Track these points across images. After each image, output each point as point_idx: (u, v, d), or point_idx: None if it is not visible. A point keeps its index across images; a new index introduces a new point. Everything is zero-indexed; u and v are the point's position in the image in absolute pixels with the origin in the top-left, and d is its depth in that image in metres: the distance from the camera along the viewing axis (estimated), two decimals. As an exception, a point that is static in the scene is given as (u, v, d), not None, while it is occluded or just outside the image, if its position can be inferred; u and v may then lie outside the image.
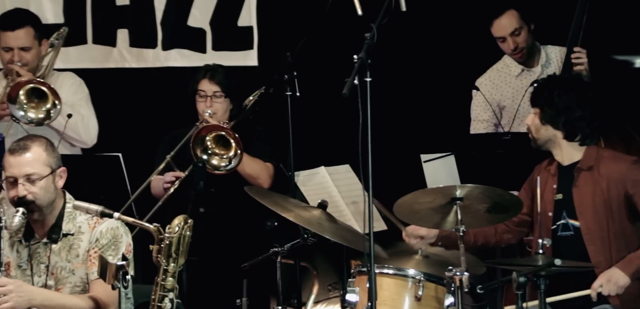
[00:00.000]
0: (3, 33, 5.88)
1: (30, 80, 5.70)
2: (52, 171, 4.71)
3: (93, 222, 4.75)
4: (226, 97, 5.78)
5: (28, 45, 5.88)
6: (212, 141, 5.67)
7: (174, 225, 4.51)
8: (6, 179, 4.67)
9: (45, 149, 4.71)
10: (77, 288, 4.73)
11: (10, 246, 4.77)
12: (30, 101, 5.69)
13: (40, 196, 4.66)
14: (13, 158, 4.66)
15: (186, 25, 6.50)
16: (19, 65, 5.84)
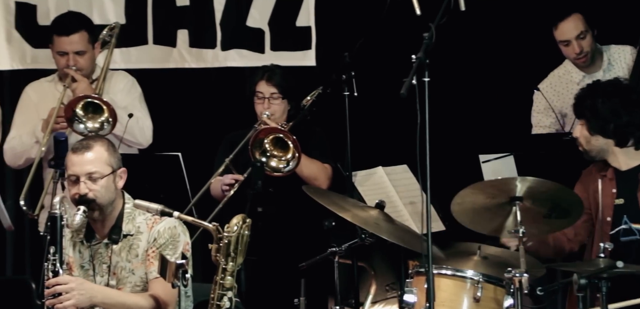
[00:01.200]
0: (58, 38, 5.87)
1: (85, 96, 5.69)
2: (113, 170, 4.72)
3: (151, 222, 4.75)
4: (284, 98, 5.76)
5: (83, 49, 5.87)
6: (270, 143, 5.65)
7: (232, 224, 4.50)
8: (68, 177, 4.69)
9: (106, 149, 4.72)
10: (137, 288, 4.73)
11: (72, 246, 4.79)
12: (86, 112, 5.71)
13: (101, 195, 4.67)
14: (75, 157, 4.68)
15: (245, 25, 6.49)
16: (74, 69, 5.86)
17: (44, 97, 5.99)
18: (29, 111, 6.00)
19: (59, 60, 5.90)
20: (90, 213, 4.69)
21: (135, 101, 6.00)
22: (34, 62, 6.54)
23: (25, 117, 6.00)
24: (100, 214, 4.71)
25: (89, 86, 5.86)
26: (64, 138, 5.23)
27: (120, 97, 5.95)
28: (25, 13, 6.54)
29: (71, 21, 5.93)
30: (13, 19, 6.54)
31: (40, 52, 6.52)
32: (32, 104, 6.02)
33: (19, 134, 5.96)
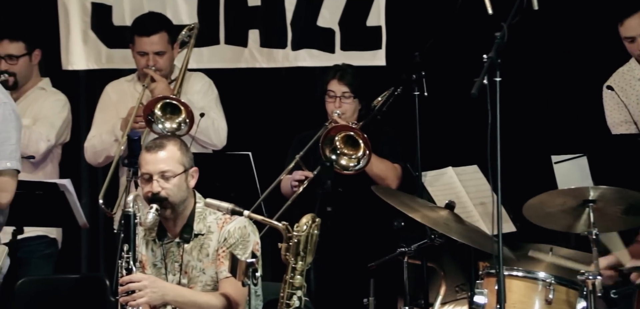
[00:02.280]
0: (138, 38, 5.88)
1: (163, 97, 5.70)
2: (185, 169, 4.70)
3: (221, 222, 4.72)
4: (355, 97, 5.71)
5: (162, 50, 5.88)
6: (341, 141, 5.61)
7: (302, 224, 4.47)
8: (142, 175, 4.69)
9: (179, 148, 4.71)
10: (207, 287, 4.71)
11: (144, 244, 4.78)
12: (164, 113, 5.71)
13: (173, 193, 4.66)
14: (149, 155, 4.68)
15: (316, 25, 6.44)
16: (153, 69, 5.87)
17: (123, 96, 6.01)
18: (109, 110, 6.02)
19: (139, 60, 5.91)
20: (162, 211, 4.67)
21: (211, 103, 5.99)
22: (109, 62, 6.57)
23: (105, 116, 6.02)
24: (172, 213, 4.69)
25: (168, 87, 5.87)
26: (138, 137, 5.25)
27: (197, 98, 5.94)
28: (100, 14, 6.58)
29: (152, 22, 5.94)
30: (89, 20, 6.58)
31: (115, 53, 6.55)
32: (112, 104, 6.04)
33: (99, 132, 5.99)
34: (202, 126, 5.79)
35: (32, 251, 5.87)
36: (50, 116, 5.98)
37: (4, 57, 6.01)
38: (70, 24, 6.57)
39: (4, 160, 4.62)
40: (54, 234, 6.06)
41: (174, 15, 6.37)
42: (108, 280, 5.46)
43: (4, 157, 4.63)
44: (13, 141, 4.66)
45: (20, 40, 6.03)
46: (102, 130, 5.98)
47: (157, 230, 4.77)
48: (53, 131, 5.95)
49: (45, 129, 5.93)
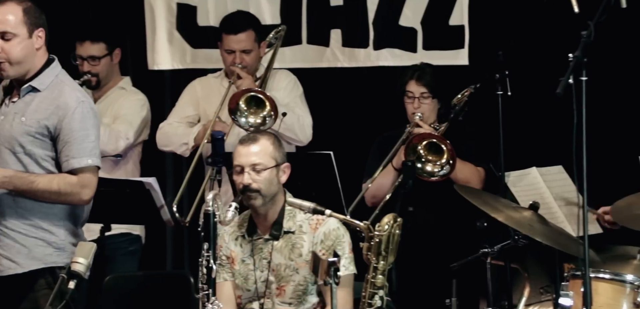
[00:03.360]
0: (226, 36, 5.88)
1: (248, 90, 5.69)
2: (276, 164, 4.70)
3: (314, 223, 4.70)
4: (433, 98, 5.63)
5: (249, 48, 5.87)
6: (424, 148, 5.54)
7: (383, 223, 4.43)
8: (234, 168, 4.69)
9: (272, 143, 4.71)
10: (300, 287, 4.69)
11: (234, 240, 4.78)
12: (249, 107, 5.70)
13: (265, 187, 4.65)
14: (242, 148, 4.69)
15: (398, 24, 6.36)
16: (239, 67, 5.87)
17: (210, 92, 6.00)
18: (190, 106, 6.03)
19: (226, 57, 5.90)
20: (253, 203, 4.65)
21: (296, 99, 5.96)
22: (194, 62, 6.58)
23: (185, 109, 6.03)
24: (262, 207, 4.68)
25: (253, 84, 5.84)
26: (221, 136, 5.25)
27: (282, 95, 5.92)
28: (186, 14, 6.59)
29: (239, 20, 5.93)
30: (174, 20, 6.60)
31: (199, 52, 6.56)
32: (196, 99, 6.04)
33: (176, 122, 6.01)
34: (288, 122, 5.76)
35: (116, 248, 5.90)
36: (130, 115, 6.00)
37: (86, 59, 6.06)
38: (156, 24, 6.60)
39: (84, 157, 4.62)
40: (138, 231, 6.09)
41: (257, 15, 6.34)
42: (192, 277, 5.47)
43: (85, 155, 4.62)
44: (92, 138, 4.65)
45: (101, 41, 6.06)
46: (180, 121, 5.99)
47: (247, 226, 4.76)
48: (131, 130, 5.97)
49: (124, 127, 5.96)
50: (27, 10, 4.63)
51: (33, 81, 4.67)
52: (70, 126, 4.59)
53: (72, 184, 4.60)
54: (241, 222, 4.79)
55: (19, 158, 4.62)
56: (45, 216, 4.63)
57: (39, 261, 4.64)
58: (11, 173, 4.57)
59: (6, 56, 4.60)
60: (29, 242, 4.62)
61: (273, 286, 4.72)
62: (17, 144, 4.61)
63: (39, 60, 4.68)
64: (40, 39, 4.66)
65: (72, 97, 4.65)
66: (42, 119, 4.61)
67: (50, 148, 4.63)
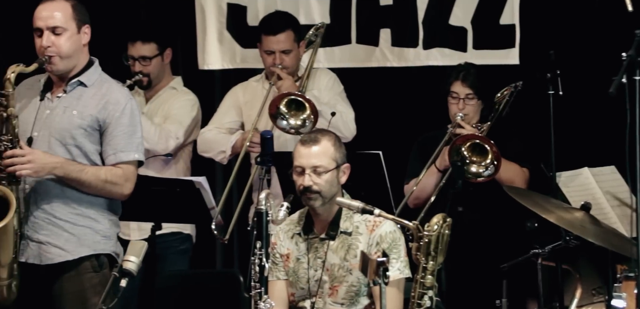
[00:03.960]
0: (265, 37, 5.86)
1: (288, 94, 5.67)
2: (337, 165, 4.66)
3: (371, 225, 4.66)
4: (478, 99, 5.59)
5: (289, 48, 5.84)
6: (468, 149, 5.49)
7: (432, 223, 4.38)
8: (294, 168, 4.66)
9: (333, 144, 4.67)
10: (353, 288, 4.65)
11: (289, 238, 4.76)
12: (290, 109, 5.67)
13: (325, 189, 4.62)
14: (303, 149, 4.65)
15: (448, 24, 6.29)
16: (279, 68, 5.85)
17: (252, 97, 5.99)
18: (231, 113, 6.03)
19: (265, 58, 5.89)
20: (312, 203, 4.64)
21: (337, 96, 5.93)
22: (243, 62, 6.58)
23: (224, 117, 6.03)
24: (321, 207, 4.65)
25: (293, 84, 5.82)
26: (270, 136, 5.24)
27: (324, 93, 5.90)
28: (236, 14, 6.59)
29: (278, 21, 5.91)
30: (225, 20, 6.60)
31: (249, 52, 6.54)
32: (238, 105, 6.03)
33: (216, 129, 6.02)
34: (332, 121, 5.75)
35: (167, 247, 5.92)
36: (180, 115, 6.01)
37: (138, 59, 6.08)
38: (206, 24, 6.61)
39: (132, 151, 4.72)
40: (188, 230, 6.11)
41: (306, 15, 6.34)
42: (242, 276, 5.47)
43: (132, 149, 4.72)
44: (139, 134, 4.76)
45: (152, 41, 6.08)
46: (219, 128, 5.99)
47: (303, 224, 4.74)
48: (182, 130, 5.99)
49: (174, 127, 5.97)
50: (75, 7, 4.73)
51: (80, 76, 4.77)
52: (120, 121, 4.70)
53: (118, 176, 4.70)
54: (298, 220, 4.77)
55: (69, 150, 4.70)
56: (91, 205, 4.72)
57: (88, 248, 4.73)
58: (62, 160, 4.66)
59: (57, 50, 4.69)
60: (77, 230, 4.71)
61: (326, 286, 4.69)
62: (69, 136, 4.69)
63: (84, 57, 4.79)
64: (86, 35, 4.77)
65: (122, 94, 4.79)
66: (93, 113, 4.71)
67: (98, 142, 4.73)
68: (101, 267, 4.72)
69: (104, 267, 4.73)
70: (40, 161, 4.61)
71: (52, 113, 4.74)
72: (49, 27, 4.67)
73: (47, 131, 4.71)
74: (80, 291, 4.70)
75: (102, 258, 4.75)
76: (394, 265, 4.57)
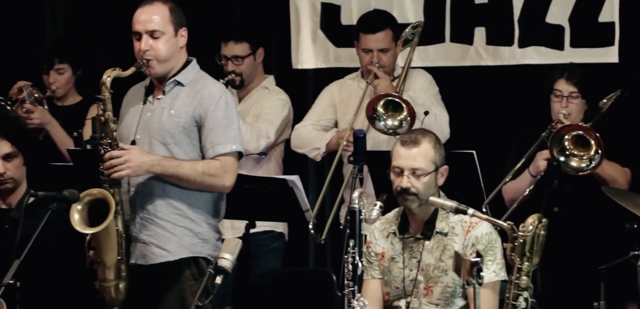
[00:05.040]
0: (363, 35, 5.85)
1: (386, 95, 5.64)
2: (436, 168, 4.61)
3: (467, 226, 4.60)
4: (582, 98, 5.48)
5: (386, 47, 5.83)
6: (571, 141, 5.36)
7: (527, 224, 4.30)
8: (393, 168, 4.63)
9: (433, 146, 4.62)
10: (448, 289, 4.60)
11: (384, 237, 4.72)
12: (387, 110, 5.65)
13: (422, 191, 4.57)
14: (403, 150, 4.61)
15: (544, 22, 6.19)
16: (377, 66, 5.83)
17: (348, 95, 5.98)
18: (326, 110, 6.02)
19: (363, 57, 5.88)
20: (408, 204, 4.60)
21: (432, 98, 5.89)
22: (337, 60, 6.57)
23: (320, 114, 6.03)
24: (417, 207, 4.63)
25: (390, 84, 5.80)
26: (363, 135, 5.23)
27: (419, 94, 5.86)
28: (329, 13, 6.58)
29: (377, 19, 5.89)
30: (318, 19, 6.60)
31: (342, 51, 6.53)
32: (333, 103, 6.03)
33: (311, 125, 6.02)
34: (426, 122, 5.69)
35: (260, 245, 5.94)
36: (271, 114, 6.02)
37: (230, 58, 6.11)
38: (300, 24, 6.62)
39: (229, 143, 4.74)
40: (281, 228, 6.13)
41: (400, 13, 6.30)
42: (335, 275, 5.47)
43: (229, 141, 4.74)
44: (236, 126, 4.78)
45: (245, 41, 6.10)
46: (314, 125, 6.00)
47: (398, 223, 4.71)
48: (273, 129, 6.00)
49: (265, 126, 5.98)
50: (173, 10, 4.78)
51: (177, 76, 4.81)
52: (215, 114, 4.72)
53: (216, 168, 4.71)
54: (393, 219, 4.74)
55: (170, 149, 4.76)
56: (192, 207, 4.75)
57: (187, 250, 4.76)
58: (159, 157, 4.71)
59: (155, 54, 4.74)
60: (177, 231, 4.75)
61: (421, 286, 4.65)
62: (168, 135, 4.75)
63: (182, 58, 4.83)
64: (183, 38, 4.81)
65: (216, 88, 4.81)
66: (189, 110, 4.75)
67: (197, 138, 4.76)
68: (201, 275, 4.73)
69: (203, 274, 4.73)
70: (137, 160, 4.67)
71: (152, 115, 4.80)
72: (147, 30, 4.73)
73: (148, 133, 4.77)
74: (182, 298, 4.73)
75: (201, 264, 4.75)
76: (489, 267, 4.50)
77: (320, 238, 5.71)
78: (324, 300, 5.46)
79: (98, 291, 4.77)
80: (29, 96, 6.11)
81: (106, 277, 4.73)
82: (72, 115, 6.17)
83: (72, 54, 6.30)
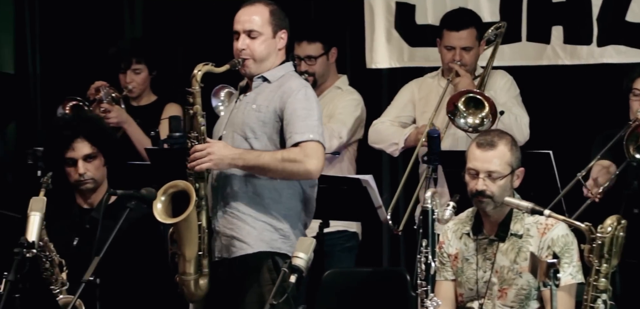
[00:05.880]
0: (447, 32, 5.80)
1: (467, 91, 5.60)
2: (512, 170, 4.56)
3: (542, 228, 4.54)
4: None
5: (469, 45, 5.78)
6: None
7: (606, 225, 4.24)
8: (468, 170, 4.58)
9: (510, 149, 4.57)
10: (523, 291, 4.55)
11: (458, 237, 4.69)
12: (468, 107, 5.59)
13: (497, 194, 4.52)
14: (479, 152, 4.57)
15: (624, 20, 6.08)
16: (458, 65, 5.79)
17: (427, 93, 5.94)
18: (405, 106, 5.99)
19: (445, 54, 5.83)
20: (483, 206, 4.56)
21: (513, 100, 5.82)
22: (411, 60, 6.53)
23: (399, 111, 6.00)
24: (493, 210, 4.57)
25: (471, 82, 5.74)
26: (437, 135, 5.20)
27: (500, 95, 5.79)
28: (404, 13, 6.54)
29: (462, 17, 5.85)
30: (393, 19, 6.58)
31: (417, 51, 6.50)
32: (413, 100, 5.99)
33: (389, 121, 6.00)
34: (506, 122, 5.63)
35: (334, 244, 5.93)
36: (344, 114, 6.00)
37: (304, 58, 6.11)
38: (375, 23, 6.60)
39: (307, 132, 4.71)
40: (354, 228, 6.11)
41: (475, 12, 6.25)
42: (408, 275, 5.45)
43: (307, 130, 4.71)
44: (315, 117, 4.74)
45: (318, 41, 6.10)
46: (392, 121, 5.97)
47: (472, 224, 4.67)
48: (345, 129, 5.99)
49: (337, 126, 5.97)
50: (273, 12, 4.82)
51: (266, 73, 4.84)
52: (294, 105, 4.72)
53: (295, 153, 4.69)
54: (466, 220, 4.70)
55: (250, 143, 4.78)
56: (275, 202, 4.77)
57: (266, 244, 4.77)
58: (240, 150, 4.73)
59: (250, 53, 4.78)
60: (258, 225, 4.77)
61: (495, 288, 4.60)
62: (249, 129, 4.77)
63: (278, 60, 4.85)
64: (282, 40, 4.84)
65: (297, 82, 4.83)
66: (270, 104, 4.77)
67: (277, 133, 4.77)
68: (278, 271, 4.70)
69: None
70: (219, 153, 4.69)
71: (237, 111, 4.84)
72: (246, 30, 4.77)
73: (231, 128, 4.81)
74: (260, 293, 4.75)
75: (279, 260, 4.76)
76: (565, 270, 4.44)
77: (398, 229, 5.68)
78: (398, 300, 5.43)
79: (178, 284, 4.81)
80: (106, 95, 6.19)
81: (186, 270, 4.77)
82: (147, 114, 6.23)
83: (149, 55, 6.36)
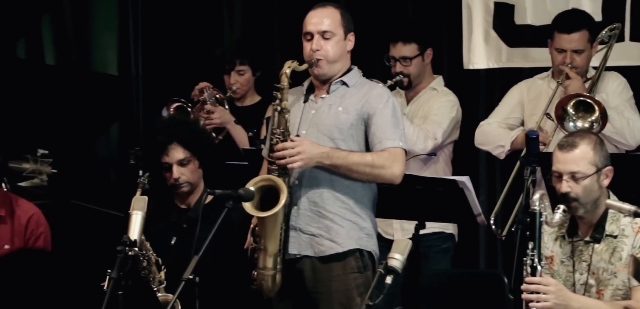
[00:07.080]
0: (558, 34, 5.67)
1: (577, 95, 5.47)
2: (597, 169, 4.47)
3: (637, 227, 4.44)
4: None
5: (581, 48, 5.64)
6: None
7: None
8: (552, 173, 4.53)
9: (593, 148, 4.49)
10: (619, 291, 4.46)
11: (553, 240, 4.62)
12: (577, 111, 5.48)
13: (583, 196, 4.45)
14: (561, 154, 4.51)
15: None
16: (569, 67, 5.66)
17: (537, 95, 5.83)
18: (513, 108, 5.89)
19: (555, 56, 5.71)
20: (571, 212, 4.48)
21: (625, 103, 5.67)
22: (509, 60, 6.43)
23: (507, 112, 5.91)
24: (584, 213, 4.49)
25: (582, 85, 5.61)
26: (535, 136, 5.10)
27: (612, 97, 5.65)
28: (503, 13, 6.44)
29: (574, 19, 5.72)
30: (491, 19, 6.48)
31: (515, 51, 6.40)
32: (522, 101, 5.88)
33: (496, 123, 5.92)
34: (617, 125, 5.51)
35: (430, 246, 5.88)
36: (439, 116, 5.94)
37: (399, 59, 6.06)
38: (473, 23, 6.52)
39: (397, 139, 4.81)
40: (451, 229, 6.05)
41: (576, 12, 6.13)
42: (506, 277, 5.37)
43: (397, 137, 4.80)
44: (402, 127, 4.84)
45: (413, 42, 6.04)
46: (500, 123, 5.88)
47: (567, 226, 4.59)
48: (440, 130, 5.92)
49: (432, 127, 5.91)
50: (344, 14, 4.90)
51: (343, 77, 4.90)
52: (384, 112, 4.80)
53: (384, 157, 4.78)
54: (562, 223, 4.61)
55: (336, 144, 4.82)
56: (358, 201, 4.82)
57: (354, 242, 4.82)
58: (328, 148, 4.78)
59: (325, 54, 4.84)
60: (345, 224, 4.82)
61: (593, 290, 4.51)
62: (337, 130, 4.82)
63: (347, 63, 4.93)
64: (350, 43, 4.91)
65: (384, 91, 4.93)
66: (357, 108, 4.83)
67: (362, 136, 4.83)
68: (365, 268, 4.80)
69: (367, 268, 4.81)
70: (309, 151, 4.73)
71: (317, 112, 4.87)
72: (319, 31, 4.83)
73: (315, 128, 4.83)
74: (346, 290, 4.79)
75: (366, 257, 4.81)
76: None
77: (502, 234, 5.61)
78: (495, 303, 5.36)
79: (255, 279, 4.83)
80: (210, 97, 6.25)
81: (266, 265, 4.80)
82: (251, 115, 6.27)
83: (253, 55, 6.41)
